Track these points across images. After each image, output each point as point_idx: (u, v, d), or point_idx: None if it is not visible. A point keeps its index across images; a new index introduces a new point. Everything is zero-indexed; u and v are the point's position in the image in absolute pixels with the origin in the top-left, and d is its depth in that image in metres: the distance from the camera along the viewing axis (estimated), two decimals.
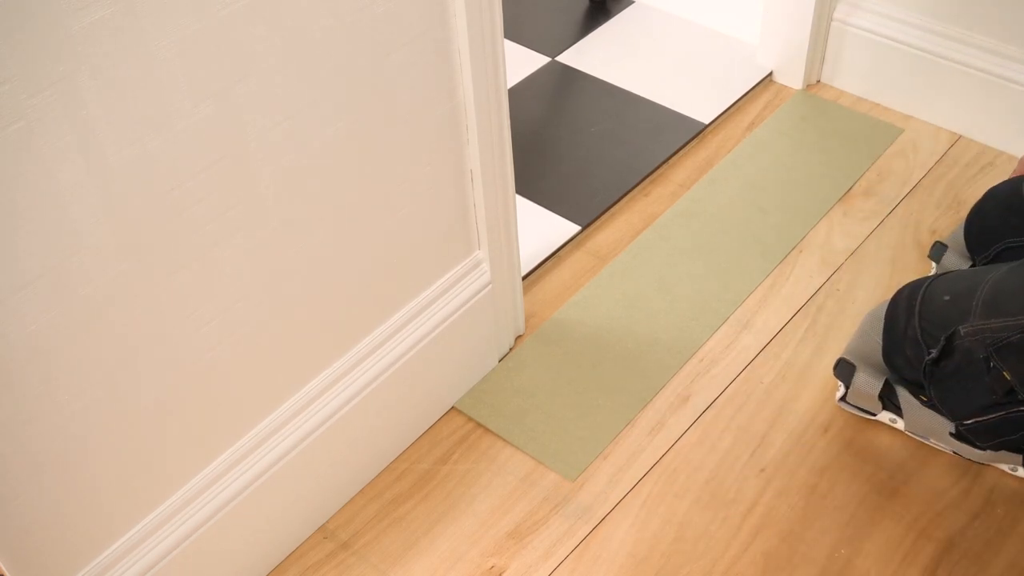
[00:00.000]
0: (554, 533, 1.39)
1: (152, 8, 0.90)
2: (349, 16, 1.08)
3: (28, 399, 0.98)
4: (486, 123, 1.33)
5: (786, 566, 1.35)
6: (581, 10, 2.31)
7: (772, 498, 1.42)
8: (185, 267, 1.06)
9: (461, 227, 1.42)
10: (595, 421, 1.51)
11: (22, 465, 1.01)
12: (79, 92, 0.88)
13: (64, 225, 0.93)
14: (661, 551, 1.37)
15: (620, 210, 1.84)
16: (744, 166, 1.90)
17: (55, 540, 1.09)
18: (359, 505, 1.43)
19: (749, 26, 2.17)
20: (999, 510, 1.39)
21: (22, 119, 0.85)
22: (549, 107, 2.08)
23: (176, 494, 1.19)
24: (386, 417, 1.43)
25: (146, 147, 0.96)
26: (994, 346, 1.22)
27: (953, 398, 1.32)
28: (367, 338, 1.35)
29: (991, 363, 1.23)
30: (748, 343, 1.60)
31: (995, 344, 1.22)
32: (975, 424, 1.32)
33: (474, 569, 1.36)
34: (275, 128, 1.07)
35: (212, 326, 1.12)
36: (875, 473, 1.43)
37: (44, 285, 0.94)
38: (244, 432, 1.24)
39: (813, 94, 2.05)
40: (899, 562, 1.34)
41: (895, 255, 1.73)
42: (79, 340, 0.99)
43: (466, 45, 1.24)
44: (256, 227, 1.11)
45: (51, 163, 0.89)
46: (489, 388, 1.56)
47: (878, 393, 1.44)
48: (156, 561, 1.19)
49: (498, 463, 1.47)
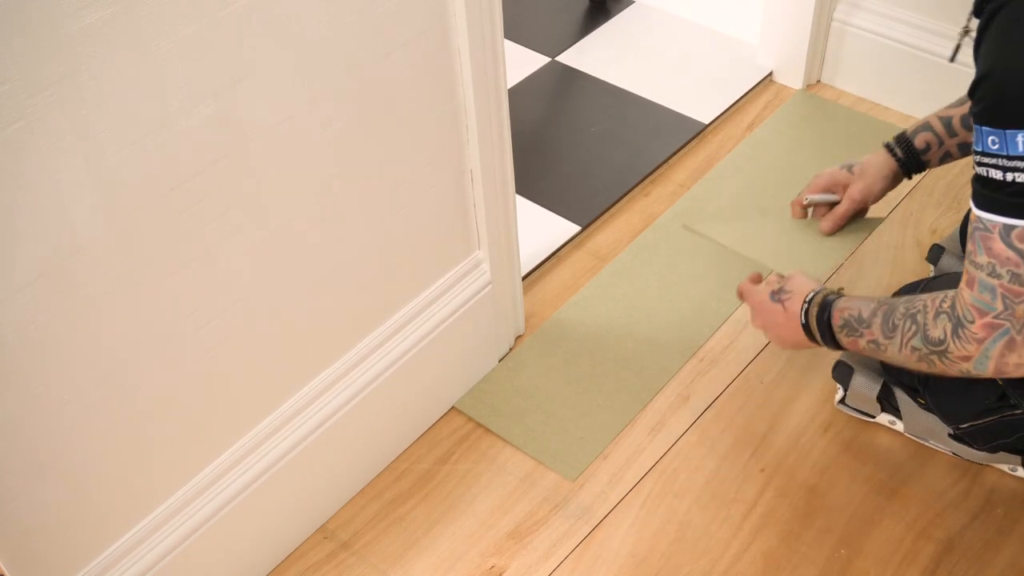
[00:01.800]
0: (554, 533, 1.39)
1: (152, 8, 0.90)
2: (349, 16, 1.08)
3: (28, 399, 0.98)
4: (486, 123, 1.33)
5: (786, 566, 1.35)
6: (581, 10, 2.31)
7: (772, 498, 1.41)
8: (185, 267, 1.06)
9: (461, 227, 1.42)
10: (595, 421, 1.51)
11: (22, 465, 1.01)
12: (79, 92, 0.88)
13: (64, 225, 0.93)
14: (661, 551, 1.37)
15: (620, 210, 1.84)
16: (744, 166, 1.90)
17: (55, 540, 1.09)
18: (359, 505, 1.43)
19: (749, 26, 2.17)
20: (999, 510, 1.39)
21: (22, 119, 0.85)
22: (549, 107, 2.08)
23: (176, 494, 1.19)
24: (386, 417, 1.43)
25: (146, 147, 0.96)
26: None
27: (948, 404, 1.32)
28: (367, 338, 1.35)
29: None
30: (748, 343, 1.60)
31: None
32: (971, 428, 1.32)
33: (474, 569, 1.36)
34: (275, 128, 1.07)
35: (212, 326, 1.12)
36: (875, 473, 1.43)
37: (44, 285, 0.94)
38: (244, 432, 1.24)
39: (813, 94, 2.05)
40: (899, 562, 1.34)
41: (895, 255, 1.73)
42: (79, 340, 0.99)
43: (466, 45, 1.23)
44: (256, 227, 1.11)
45: (51, 163, 0.89)
46: (489, 388, 1.56)
47: (876, 395, 1.44)
48: (156, 561, 1.19)
49: (498, 463, 1.47)
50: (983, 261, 1.02)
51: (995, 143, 0.96)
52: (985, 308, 1.04)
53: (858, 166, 1.48)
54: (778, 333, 1.33)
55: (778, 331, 1.33)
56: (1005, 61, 0.92)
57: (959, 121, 1.40)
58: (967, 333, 1.07)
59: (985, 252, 1.01)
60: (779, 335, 1.33)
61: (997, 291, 1.02)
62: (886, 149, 1.47)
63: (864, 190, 1.48)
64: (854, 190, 1.48)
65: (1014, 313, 1.02)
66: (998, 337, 1.04)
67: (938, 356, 1.12)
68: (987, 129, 0.96)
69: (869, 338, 1.20)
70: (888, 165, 1.46)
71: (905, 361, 1.17)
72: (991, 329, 1.04)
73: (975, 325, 1.06)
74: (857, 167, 1.48)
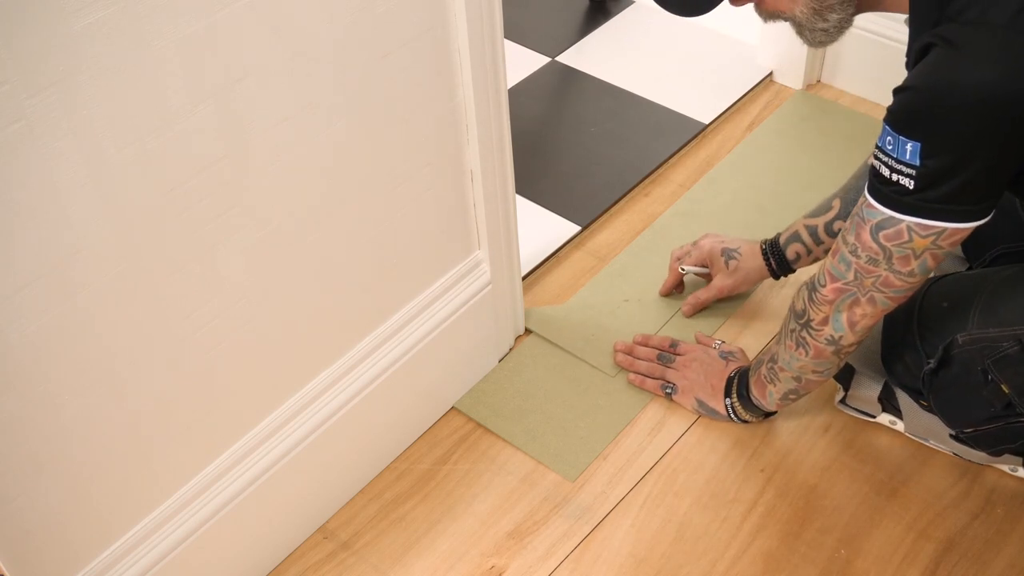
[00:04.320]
0: (554, 533, 1.39)
1: (152, 8, 0.90)
2: (349, 16, 1.08)
3: (28, 399, 0.98)
4: (486, 123, 1.33)
5: (786, 566, 1.34)
6: (581, 10, 2.31)
7: (772, 498, 1.41)
8: (185, 267, 1.06)
9: (461, 227, 1.42)
10: (595, 421, 1.51)
11: (22, 465, 1.01)
12: (79, 92, 0.88)
13: (64, 225, 0.93)
14: (661, 551, 1.37)
15: (620, 210, 1.84)
16: (744, 166, 1.90)
17: (55, 540, 1.09)
18: (359, 505, 1.43)
19: (749, 26, 2.16)
20: (999, 510, 1.39)
21: (22, 119, 0.85)
22: (549, 107, 2.08)
23: (176, 494, 1.19)
24: (386, 417, 1.42)
25: (146, 147, 0.96)
26: (992, 358, 1.22)
27: (952, 409, 1.32)
28: (367, 338, 1.35)
29: (989, 376, 1.23)
30: (748, 343, 1.60)
31: (993, 356, 1.22)
32: (975, 433, 1.32)
33: (474, 569, 1.36)
34: (274, 128, 1.07)
35: (212, 326, 1.12)
36: (875, 473, 1.43)
37: (44, 285, 0.94)
38: (244, 432, 1.24)
39: (813, 94, 2.05)
40: (899, 562, 1.34)
41: None
42: (79, 340, 0.99)
43: (466, 45, 1.23)
44: (256, 227, 1.11)
45: (51, 163, 0.89)
46: (489, 388, 1.56)
47: (877, 396, 1.44)
48: (156, 561, 1.18)
49: (498, 463, 1.47)
50: (850, 240, 1.16)
51: (890, 144, 1.06)
52: (838, 275, 1.19)
53: (735, 261, 1.57)
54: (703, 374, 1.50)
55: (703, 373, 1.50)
56: (924, 82, 1.03)
57: (824, 230, 1.49)
58: (819, 296, 1.22)
59: (854, 236, 1.15)
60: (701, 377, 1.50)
61: (852, 266, 1.17)
62: (762, 254, 1.55)
63: (732, 288, 1.59)
64: (724, 285, 1.59)
65: (862, 284, 1.18)
66: (846, 298, 1.20)
67: (805, 330, 1.26)
68: (888, 129, 1.06)
69: (768, 358, 1.36)
70: (760, 272, 1.57)
71: (788, 356, 1.31)
72: (839, 292, 1.20)
73: (826, 288, 1.21)
74: (734, 263, 1.57)
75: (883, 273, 1.15)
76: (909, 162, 1.04)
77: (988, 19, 0.98)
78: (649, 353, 1.56)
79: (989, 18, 0.98)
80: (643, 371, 1.55)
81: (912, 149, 1.04)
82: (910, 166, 1.05)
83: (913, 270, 1.13)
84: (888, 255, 1.13)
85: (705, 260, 1.60)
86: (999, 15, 0.98)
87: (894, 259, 1.13)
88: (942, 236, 1.09)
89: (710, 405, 1.48)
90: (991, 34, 0.98)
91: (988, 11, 0.98)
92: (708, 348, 1.55)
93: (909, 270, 1.14)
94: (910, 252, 1.11)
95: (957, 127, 1.02)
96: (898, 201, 1.08)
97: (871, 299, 1.19)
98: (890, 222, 1.10)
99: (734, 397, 1.45)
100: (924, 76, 1.02)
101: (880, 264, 1.14)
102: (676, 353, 1.55)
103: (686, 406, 1.50)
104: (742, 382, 1.44)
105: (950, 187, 1.04)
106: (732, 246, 1.57)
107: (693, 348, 1.55)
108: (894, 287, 1.16)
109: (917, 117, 1.04)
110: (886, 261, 1.13)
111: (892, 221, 1.10)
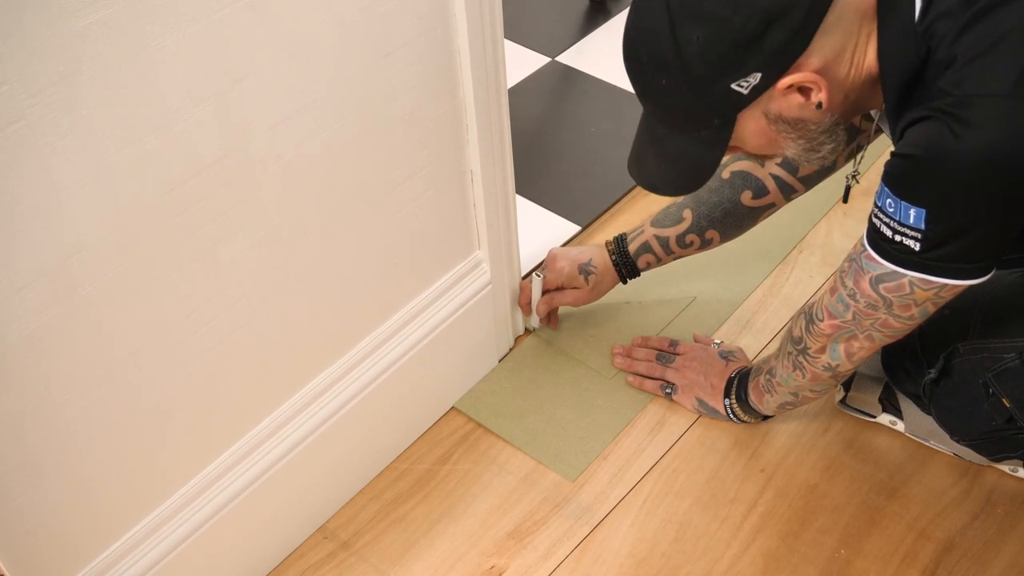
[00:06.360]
0: (554, 533, 1.39)
1: (152, 8, 0.90)
2: (349, 16, 1.08)
3: (28, 399, 0.98)
4: (486, 123, 1.33)
5: (786, 566, 1.34)
6: (581, 10, 2.31)
7: (772, 498, 1.41)
8: (185, 267, 1.06)
9: (461, 227, 1.42)
10: (595, 421, 1.51)
11: (22, 465, 1.01)
12: (79, 92, 0.88)
13: (64, 225, 0.93)
14: (661, 551, 1.37)
15: (620, 210, 1.84)
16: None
17: (55, 540, 1.09)
18: (359, 505, 1.43)
19: None
20: (999, 510, 1.39)
21: (22, 119, 0.85)
22: (549, 107, 2.08)
23: (176, 494, 1.19)
24: (386, 417, 1.42)
25: (146, 147, 0.96)
26: (993, 371, 1.22)
27: (953, 420, 1.32)
28: (367, 338, 1.35)
29: (990, 389, 1.22)
30: (748, 343, 1.60)
31: (994, 369, 1.22)
32: (976, 442, 1.32)
33: (474, 569, 1.36)
34: (275, 128, 1.07)
35: (212, 326, 1.12)
36: (875, 473, 1.43)
37: (44, 285, 0.94)
38: (244, 432, 1.24)
39: None
40: (899, 562, 1.34)
41: None
42: (79, 340, 0.99)
43: (466, 45, 1.23)
44: (256, 227, 1.11)
45: (51, 163, 0.89)
46: (489, 388, 1.56)
47: (878, 396, 1.44)
48: (156, 561, 1.19)
49: (498, 463, 1.47)
50: (849, 285, 1.16)
51: (891, 207, 1.04)
52: (836, 314, 1.20)
53: (594, 277, 1.56)
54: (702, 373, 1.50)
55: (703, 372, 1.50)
56: (927, 151, 0.99)
57: (675, 242, 1.50)
58: (816, 329, 1.23)
59: (853, 283, 1.15)
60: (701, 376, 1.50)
61: (851, 308, 1.17)
62: (614, 267, 1.55)
63: (589, 301, 1.60)
64: (581, 298, 1.58)
65: (860, 324, 1.18)
66: (843, 334, 1.21)
67: (802, 355, 1.28)
68: (889, 192, 1.04)
69: (767, 369, 1.37)
70: (613, 282, 1.58)
71: (786, 375, 1.32)
72: (837, 329, 1.21)
73: (824, 323, 1.22)
74: (593, 278, 1.56)
75: (882, 316, 1.15)
76: (914, 226, 1.03)
77: (989, 90, 0.95)
78: (648, 353, 1.56)
79: (990, 89, 0.95)
80: (642, 371, 1.55)
81: (916, 215, 1.02)
82: (915, 229, 1.03)
83: (913, 315, 1.13)
84: (888, 303, 1.12)
85: (564, 283, 1.57)
86: (999, 86, 0.95)
87: (895, 307, 1.12)
88: (944, 289, 1.08)
89: (710, 404, 1.48)
90: (994, 103, 0.95)
91: (988, 83, 0.95)
92: (707, 347, 1.55)
93: (909, 315, 1.13)
94: (911, 302, 1.11)
95: (963, 193, 1.00)
96: (903, 260, 1.07)
97: (869, 336, 1.19)
98: (892, 276, 1.09)
99: (733, 398, 1.45)
100: (926, 144, 0.99)
101: (880, 309, 1.14)
102: (675, 353, 1.55)
103: (686, 405, 1.50)
104: (741, 385, 1.44)
105: (957, 247, 1.03)
106: (584, 259, 1.56)
107: (692, 348, 1.55)
108: (893, 328, 1.17)
109: (921, 184, 1.01)
110: (886, 307, 1.13)
111: (894, 275, 1.08)
